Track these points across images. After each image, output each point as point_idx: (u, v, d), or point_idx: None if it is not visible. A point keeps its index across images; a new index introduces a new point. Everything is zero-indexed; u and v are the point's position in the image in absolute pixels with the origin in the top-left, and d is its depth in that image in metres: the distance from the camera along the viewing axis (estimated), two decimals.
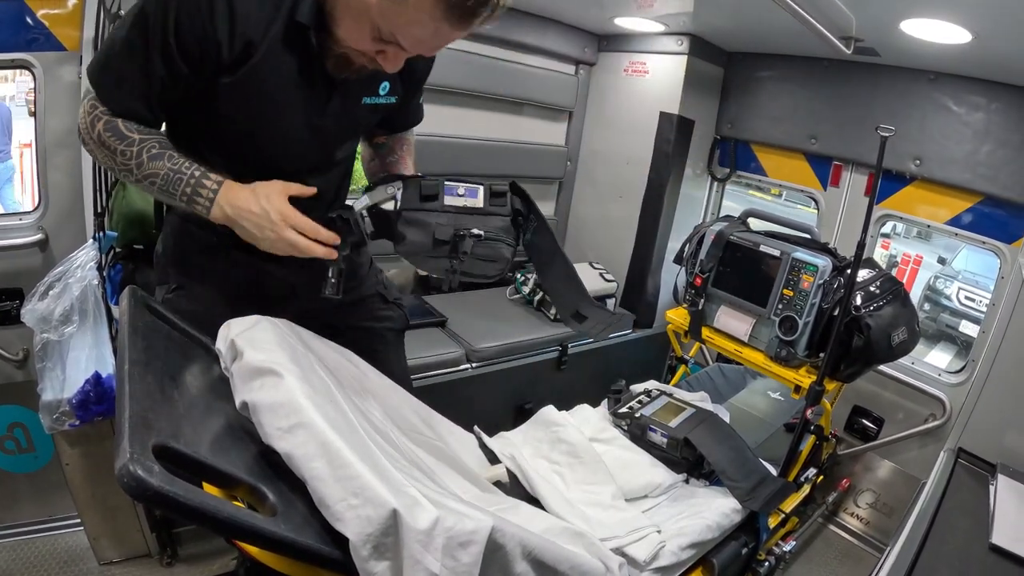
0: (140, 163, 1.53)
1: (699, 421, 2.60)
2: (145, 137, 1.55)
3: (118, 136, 1.53)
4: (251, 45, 1.53)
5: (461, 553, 1.29)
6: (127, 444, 1.02)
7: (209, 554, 2.80)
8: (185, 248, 1.89)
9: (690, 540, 2.14)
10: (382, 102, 1.85)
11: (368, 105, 1.82)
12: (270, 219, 1.55)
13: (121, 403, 1.16)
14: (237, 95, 1.59)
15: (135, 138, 1.54)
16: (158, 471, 1.00)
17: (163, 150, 1.55)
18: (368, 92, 1.79)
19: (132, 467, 0.97)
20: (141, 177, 1.55)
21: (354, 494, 1.21)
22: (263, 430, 1.30)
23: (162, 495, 0.98)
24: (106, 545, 2.73)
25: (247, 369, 1.41)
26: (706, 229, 3.09)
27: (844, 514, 3.83)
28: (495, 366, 3.43)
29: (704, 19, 3.54)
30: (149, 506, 0.92)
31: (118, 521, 2.62)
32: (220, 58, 1.51)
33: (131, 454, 0.99)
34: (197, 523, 1.04)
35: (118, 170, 1.57)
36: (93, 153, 1.60)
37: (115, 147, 1.53)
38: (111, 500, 2.51)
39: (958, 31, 2.56)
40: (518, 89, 4.08)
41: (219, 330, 1.59)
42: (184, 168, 1.55)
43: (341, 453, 1.24)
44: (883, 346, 2.63)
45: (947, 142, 3.29)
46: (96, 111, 1.53)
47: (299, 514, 1.23)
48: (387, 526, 1.21)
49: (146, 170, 1.53)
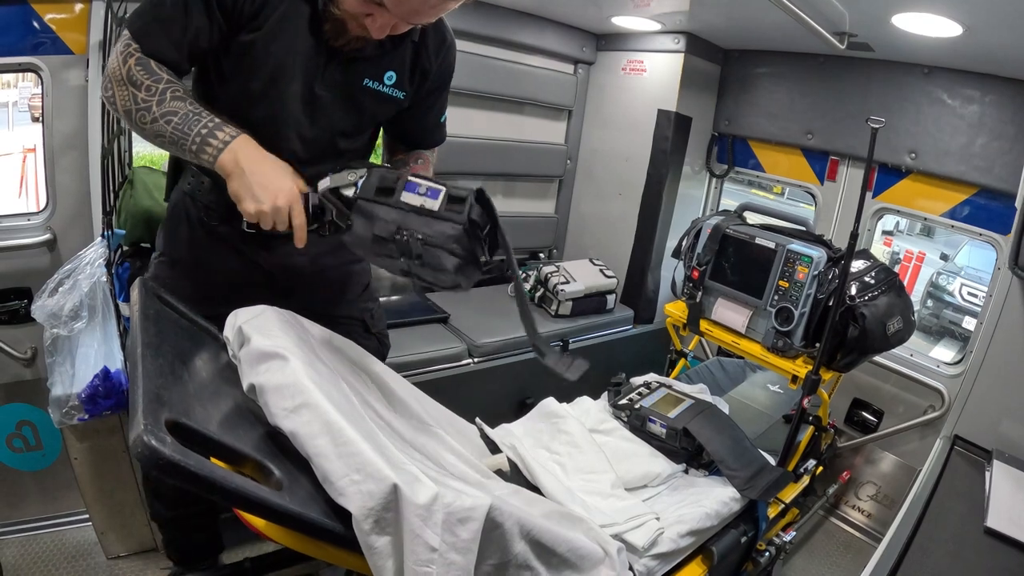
0: (162, 100, 1.54)
1: (698, 412, 2.62)
2: (172, 80, 1.57)
3: (148, 72, 1.55)
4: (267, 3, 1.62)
5: (460, 529, 1.32)
6: (141, 417, 1.06)
7: None
8: (178, 220, 1.95)
9: (689, 528, 2.16)
10: (387, 92, 1.86)
11: (371, 89, 1.84)
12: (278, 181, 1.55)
13: (135, 381, 1.20)
14: (248, 54, 1.66)
15: (163, 76, 1.56)
16: (170, 442, 1.04)
17: (186, 95, 1.58)
18: (371, 75, 1.82)
19: (146, 438, 1.00)
20: (159, 115, 1.54)
21: (356, 470, 1.25)
22: (269, 410, 1.35)
23: (173, 464, 1.01)
24: (113, 539, 2.75)
25: (254, 353, 1.45)
26: (703, 223, 3.12)
27: (845, 507, 3.85)
28: (497, 361, 3.47)
29: (700, 17, 3.57)
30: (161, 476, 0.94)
31: (125, 515, 2.64)
32: (242, 13, 1.60)
33: (145, 425, 1.03)
34: (206, 493, 1.07)
35: (136, 110, 1.56)
36: (114, 96, 1.59)
37: (142, 82, 1.54)
38: (119, 495, 2.53)
39: (949, 24, 2.59)
40: (518, 89, 4.12)
41: (227, 319, 1.63)
42: (204, 114, 1.56)
43: (344, 431, 1.28)
44: (878, 335, 2.66)
45: (942, 135, 3.32)
46: (130, 48, 1.56)
47: (304, 490, 1.28)
48: (388, 501, 1.25)
49: (166, 107, 1.54)
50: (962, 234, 3.55)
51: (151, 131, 1.58)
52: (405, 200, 1.62)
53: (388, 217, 1.61)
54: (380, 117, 2.00)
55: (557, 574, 1.63)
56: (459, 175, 4.10)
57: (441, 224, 1.59)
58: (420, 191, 1.62)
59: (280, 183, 1.55)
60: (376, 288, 2.42)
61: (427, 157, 2.14)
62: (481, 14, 3.71)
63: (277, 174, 1.56)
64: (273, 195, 1.53)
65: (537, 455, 2.30)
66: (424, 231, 1.58)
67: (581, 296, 3.87)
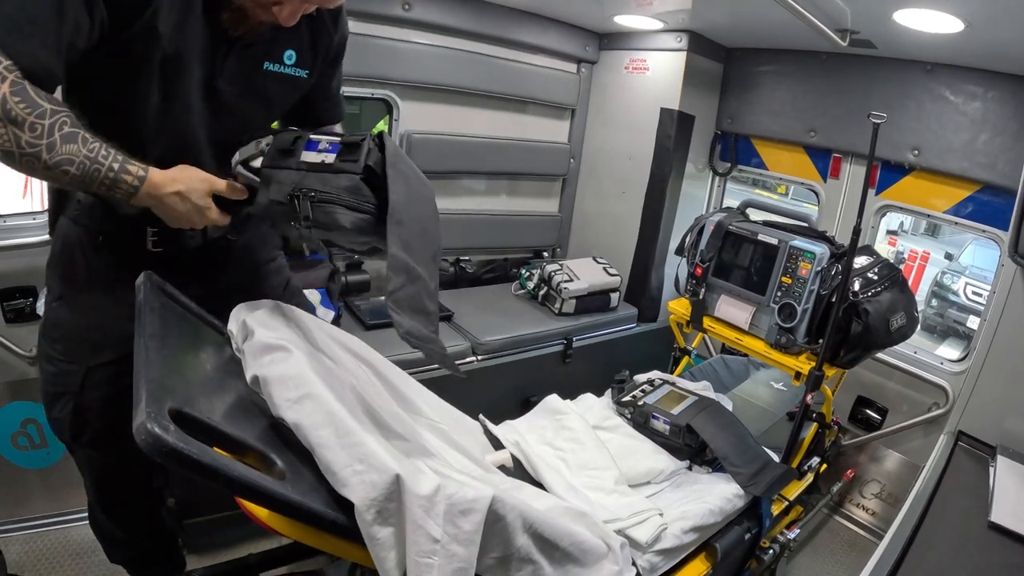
0: (52, 144, 1.32)
1: (701, 408, 2.63)
2: (56, 108, 1.34)
3: (28, 103, 1.28)
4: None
5: (462, 521, 1.33)
6: (144, 405, 1.06)
7: (219, 546, 2.82)
8: (72, 254, 1.76)
9: (692, 524, 2.16)
10: (289, 72, 1.75)
11: (272, 73, 1.72)
12: (197, 180, 1.53)
13: (138, 370, 1.21)
14: (136, 51, 1.46)
15: (46, 108, 1.31)
16: (174, 430, 1.05)
17: (75, 129, 1.37)
18: (270, 58, 1.69)
19: (149, 425, 1.01)
20: (52, 163, 1.34)
21: (359, 460, 1.26)
22: (272, 402, 1.36)
23: (176, 451, 1.02)
24: None
25: (258, 346, 1.46)
26: (706, 220, 3.13)
27: (850, 505, 3.84)
28: (501, 359, 3.49)
29: (702, 15, 3.58)
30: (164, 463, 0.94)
31: None
32: (124, 2, 1.39)
33: (148, 413, 1.04)
34: (209, 480, 1.07)
35: (21, 155, 1.32)
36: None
37: (24, 119, 1.28)
38: None
39: (950, 20, 2.59)
40: (521, 88, 4.13)
41: (231, 313, 1.64)
42: (103, 153, 1.40)
43: (346, 422, 1.29)
44: (881, 331, 2.66)
45: (944, 132, 3.32)
46: (1, 66, 1.26)
47: (306, 482, 1.29)
48: (390, 491, 1.26)
49: (58, 155, 1.33)
50: (965, 231, 3.54)
51: (43, 177, 1.42)
52: (305, 159, 1.57)
53: (287, 180, 1.56)
54: (288, 102, 1.86)
55: (560, 568, 1.63)
56: (462, 174, 4.13)
57: (336, 178, 1.54)
58: (320, 147, 1.58)
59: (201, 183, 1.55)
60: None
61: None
62: (484, 13, 3.73)
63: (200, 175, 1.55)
64: (203, 193, 1.55)
65: (540, 451, 2.31)
66: (318, 188, 1.53)
67: (585, 294, 3.87)
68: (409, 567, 1.29)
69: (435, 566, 1.28)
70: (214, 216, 1.59)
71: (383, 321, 3.26)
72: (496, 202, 4.37)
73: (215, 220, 1.60)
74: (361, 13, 3.33)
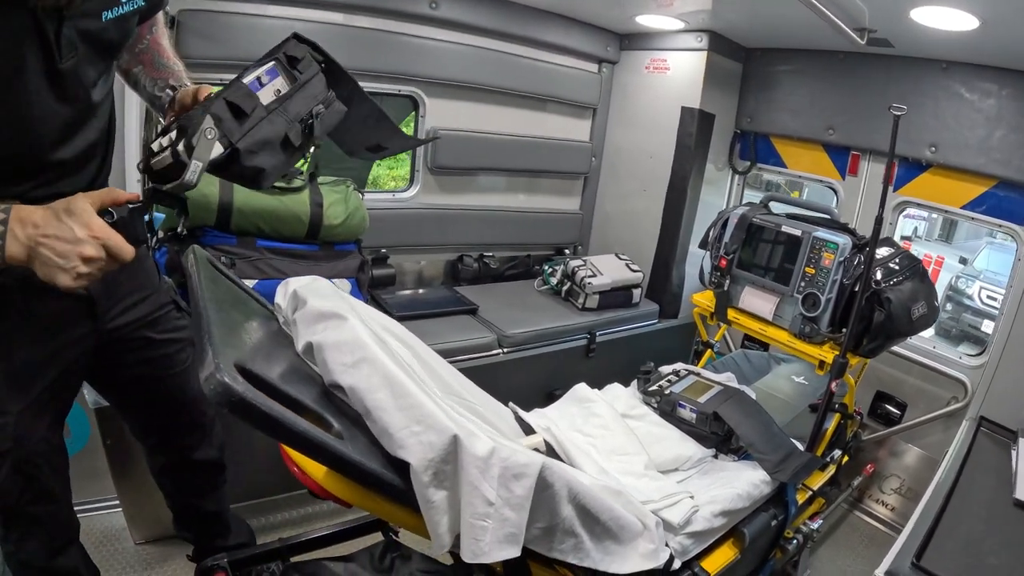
0: None
1: (727, 397, 2.66)
2: None
3: None
4: None
5: (515, 484, 1.34)
6: (211, 357, 1.07)
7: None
8: None
9: (722, 508, 2.19)
10: (128, 9, 1.48)
11: (114, 19, 1.44)
12: (73, 237, 1.24)
13: (200, 327, 1.22)
14: None
15: None
16: (242, 381, 1.06)
17: None
18: (107, 6, 1.41)
19: (219, 375, 1.02)
20: None
21: (417, 421, 1.28)
22: (327, 367, 1.37)
23: (246, 402, 1.04)
24: (142, 524, 2.79)
25: (312, 314, 1.49)
26: (730, 213, 3.18)
27: (869, 500, 3.86)
28: (525, 352, 3.53)
29: (722, 15, 3.63)
30: (232, 413, 1.03)
31: (155, 501, 2.57)
32: None
33: (217, 364, 1.05)
34: (273, 434, 1.11)
35: None
36: None
37: None
38: (150, 479, 2.43)
39: (966, 17, 2.63)
40: (544, 87, 4.19)
41: (277, 288, 1.68)
42: None
43: (404, 384, 1.31)
44: (903, 320, 2.70)
45: (961, 128, 3.35)
46: None
47: (361, 444, 1.30)
48: (447, 452, 1.28)
49: None
50: (982, 225, 3.57)
51: None
52: (265, 100, 1.50)
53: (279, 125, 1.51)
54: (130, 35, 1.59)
55: (599, 543, 1.64)
56: (486, 171, 4.21)
57: (310, 88, 1.57)
58: (262, 80, 1.51)
59: (77, 231, 1.25)
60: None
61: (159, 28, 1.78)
62: (508, 12, 3.78)
63: (73, 220, 1.26)
64: (77, 252, 1.25)
65: (571, 437, 2.32)
66: (310, 108, 1.55)
67: (608, 289, 3.93)
68: (463, 529, 1.30)
69: (488, 528, 1.29)
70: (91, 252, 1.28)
71: (412, 313, 3.35)
72: (519, 199, 4.43)
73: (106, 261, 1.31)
74: (389, 11, 3.40)
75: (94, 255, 1.26)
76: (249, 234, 2.79)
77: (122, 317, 1.79)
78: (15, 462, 1.63)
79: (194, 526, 2.49)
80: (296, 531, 2.13)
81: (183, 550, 2.75)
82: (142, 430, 2.22)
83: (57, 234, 1.23)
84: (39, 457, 1.71)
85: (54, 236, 1.23)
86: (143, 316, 1.86)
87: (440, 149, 3.84)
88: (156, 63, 1.77)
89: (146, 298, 1.87)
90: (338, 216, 2.94)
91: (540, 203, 4.55)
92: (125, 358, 1.89)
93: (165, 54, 1.78)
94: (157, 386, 2.02)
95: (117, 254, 1.31)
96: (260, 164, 1.51)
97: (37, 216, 1.24)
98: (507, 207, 4.35)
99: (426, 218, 3.97)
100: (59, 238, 1.23)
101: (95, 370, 1.87)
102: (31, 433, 1.65)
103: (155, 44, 1.76)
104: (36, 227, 1.23)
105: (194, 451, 2.23)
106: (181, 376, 2.03)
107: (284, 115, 1.52)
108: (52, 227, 1.24)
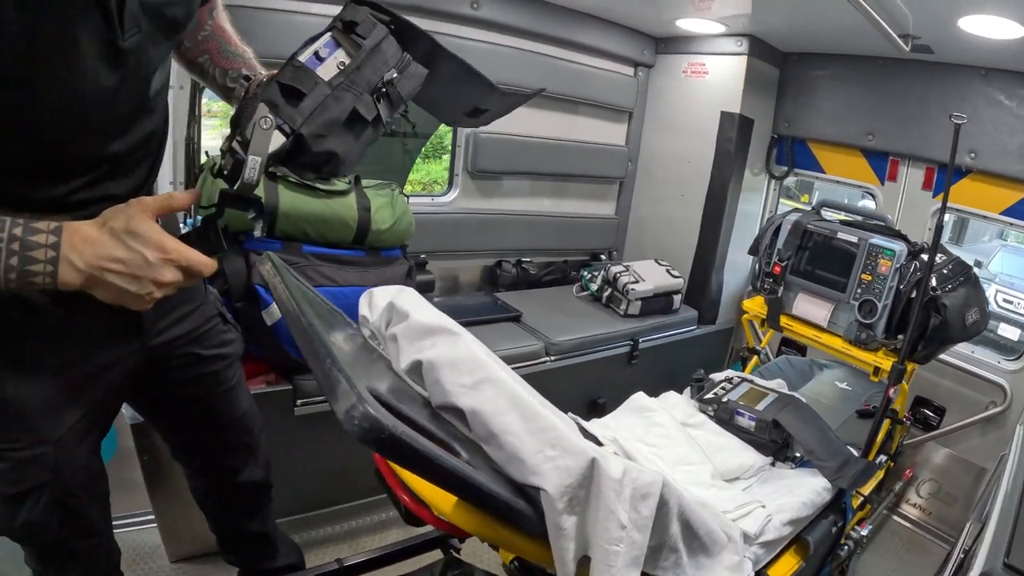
0: None
1: (784, 404, 2.64)
2: None
3: None
4: None
5: (641, 505, 1.29)
6: (347, 384, 0.93)
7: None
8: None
9: (790, 516, 2.17)
10: None
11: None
12: (146, 264, 1.13)
13: (317, 350, 1.07)
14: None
15: None
16: (387, 414, 0.92)
17: None
18: None
19: (364, 406, 0.89)
20: None
21: (551, 445, 1.21)
22: (441, 388, 1.26)
23: (396, 439, 0.92)
24: (179, 541, 2.71)
25: (418, 329, 1.38)
26: (782, 219, 3.19)
27: (906, 505, 3.85)
28: (571, 360, 3.51)
29: (761, 19, 3.62)
30: (379, 450, 0.91)
31: (193, 516, 2.42)
32: None
33: (359, 394, 0.91)
34: (423, 472, 1.01)
35: None
36: None
37: None
38: (186, 494, 2.32)
39: (1013, 26, 2.65)
40: (581, 89, 4.16)
41: (360, 299, 1.57)
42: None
43: (532, 406, 1.24)
44: (958, 325, 2.72)
45: (1000, 135, 3.36)
46: None
47: (487, 471, 1.21)
48: (584, 477, 1.21)
49: None
50: (1022, 231, 3.60)
51: None
52: (324, 75, 1.34)
53: (345, 101, 1.36)
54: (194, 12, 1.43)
55: (693, 557, 1.59)
56: (526, 174, 4.18)
57: (379, 55, 1.40)
58: (320, 55, 1.35)
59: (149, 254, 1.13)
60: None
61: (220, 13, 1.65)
62: (548, 14, 3.77)
63: (140, 242, 1.13)
64: (152, 278, 1.15)
65: (637, 448, 2.32)
66: (380, 76, 1.39)
67: (650, 296, 3.91)
68: (595, 554, 1.24)
69: (620, 553, 1.23)
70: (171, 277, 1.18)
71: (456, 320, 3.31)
72: (556, 204, 4.41)
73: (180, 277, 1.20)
74: (431, 11, 3.36)
75: (172, 280, 1.17)
76: (294, 239, 2.70)
77: (169, 332, 1.65)
78: (55, 495, 1.49)
79: (240, 549, 2.34)
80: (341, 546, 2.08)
81: (221, 569, 2.58)
82: (185, 451, 2.07)
83: (126, 260, 1.11)
84: (80, 488, 1.56)
85: (123, 263, 1.11)
86: (191, 330, 1.72)
87: (480, 152, 3.81)
88: (223, 51, 1.63)
89: (194, 311, 1.73)
90: (386, 221, 2.87)
91: (577, 208, 4.53)
92: (170, 376, 1.75)
93: (231, 40, 1.65)
94: (203, 406, 1.88)
95: (198, 272, 1.21)
96: (331, 148, 1.37)
97: (97, 238, 1.10)
98: (544, 211, 4.34)
99: (465, 222, 3.94)
100: (129, 264, 1.12)
101: (137, 389, 1.71)
102: (72, 462, 1.51)
103: (219, 29, 1.63)
104: (99, 254, 1.10)
105: (240, 472, 2.08)
106: (228, 394, 1.92)
107: (352, 89, 1.36)
108: (119, 252, 1.11)
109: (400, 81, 1.43)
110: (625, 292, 3.87)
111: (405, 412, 1.10)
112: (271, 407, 2.40)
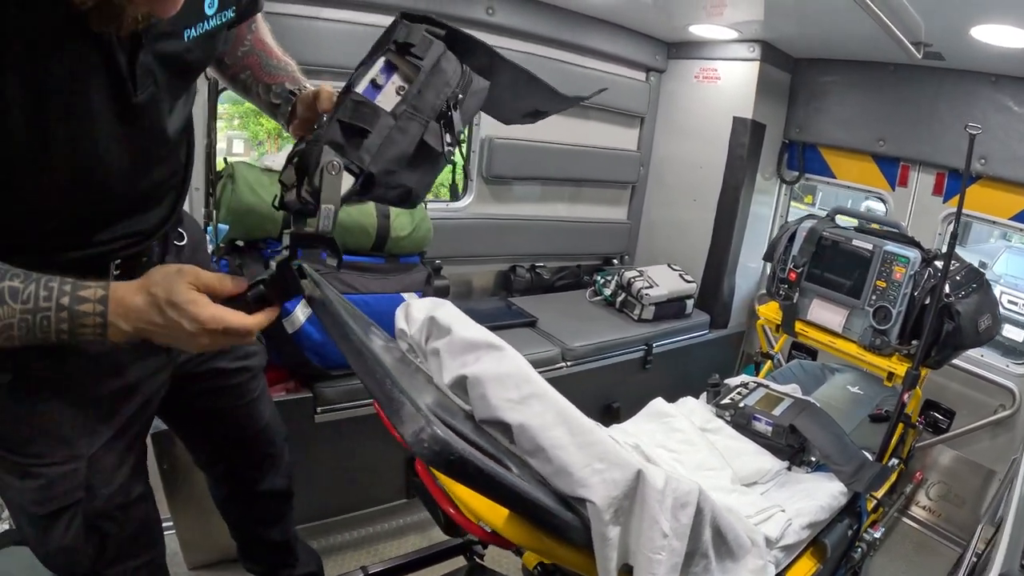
0: None
1: (800, 409, 2.67)
2: None
3: None
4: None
5: (681, 514, 1.32)
6: (412, 408, 0.94)
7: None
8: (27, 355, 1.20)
9: (808, 520, 2.20)
10: (214, 24, 1.31)
11: (198, 37, 1.27)
12: (184, 331, 1.11)
13: (373, 370, 1.08)
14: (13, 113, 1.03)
15: None
16: (454, 436, 0.93)
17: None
18: (189, 22, 1.24)
19: (432, 429, 0.90)
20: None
21: (599, 459, 1.24)
22: (487, 403, 1.27)
23: (464, 460, 0.93)
24: (197, 548, 2.71)
25: (461, 343, 1.39)
26: (797, 226, 3.22)
27: (915, 507, 3.87)
28: (587, 365, 3.53)
29: (774, 26, 3.65)
30: (447, 472, 0.94)
31: (212, 524, 2.43)
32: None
33: (427, 417, 0.92)
34: (482, 488, 1.03)
35: None
36: None
37: None
38: (206, 502, 2.31)
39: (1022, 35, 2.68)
40: None
41: (396, 311, 1.57)
42: (42, 299, 1.06)
43: (579, 419, 1.27)
44: (971, 331, 2.76)
45: (1010, 141, 3.39)
46: None
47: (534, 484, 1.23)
48: (630, 488, 1.25)
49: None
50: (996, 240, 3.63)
51: None
52: (389, 103, 1.25)
53: (413, 132, 1.26)
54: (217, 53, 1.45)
55: (720, 562, 1.61)
56: (539, 180, 4.21)
57: (440, 75, 1.28)
58: (378, 82, 1.25)
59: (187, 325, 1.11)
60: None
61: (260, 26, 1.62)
62: (561, 19, 3.78)
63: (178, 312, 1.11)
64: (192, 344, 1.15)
65: (658, 454, 2.34)
66: (443, 98, 1.28)
67: (664, 301, 3.94)
68: (638, 562, 1.27)
69: (662, 561, 1.26)
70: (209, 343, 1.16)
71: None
72: (568, 208, 4.43)
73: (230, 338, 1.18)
74: (447, 17, 3.32)
75: (210, 344, 1.15)
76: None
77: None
78: (87, 517, 1.42)
79: (260, 557, 2.34)
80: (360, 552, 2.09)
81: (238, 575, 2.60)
82: (208, 460, 2.08)
83: (167, 326, 1.11)
84: (117, 510, 1.49)
85: (163, 327, 1.11)
86: None
87: (495, 158, 3.83)
88: (265, 66, 1.60)
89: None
90: (404, 228, 2.90)
91: (589, 212, 4.55)
92: (195, 387, 1.76)
93: (273, 54, 1.61)
94: (227, 417, 1.90)
95: (240, 336, 1.17)
96: (403, 182, 1.29)
97: (138, 308, 1.10)
98: (557, 216, 4.35)
99: (480, 228, 3.96)
100: (170, 330, 1.11)
101: (163, 402, 1.68)
102: (106, 482, 1.46)
103: (259, 44, 1.60)
104: (141, 319, 1.10)
105: (262, 481, 2.08)
106: (251, 406, 1.92)
107: (417, 117, 1.26)
108: (158, 319, 1.10)
109: (465, 102, 1.33)
110: (639, 297, 3.89)
111: (459, 428, 1.11)
112: (291, 415, 2.41)
